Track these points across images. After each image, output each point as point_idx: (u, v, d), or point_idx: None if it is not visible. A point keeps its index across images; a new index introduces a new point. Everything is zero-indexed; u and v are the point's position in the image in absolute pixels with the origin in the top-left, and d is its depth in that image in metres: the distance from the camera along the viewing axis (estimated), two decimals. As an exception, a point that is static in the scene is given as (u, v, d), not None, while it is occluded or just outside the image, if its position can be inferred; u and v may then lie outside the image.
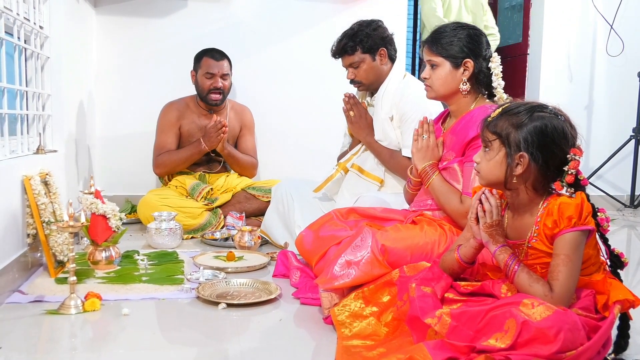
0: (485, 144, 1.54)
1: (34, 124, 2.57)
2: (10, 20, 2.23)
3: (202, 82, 3.22)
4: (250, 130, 3.47)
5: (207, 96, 3.22)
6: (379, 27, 2.60)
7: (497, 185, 1.54)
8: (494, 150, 1.51)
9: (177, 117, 3.27)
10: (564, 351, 1.26)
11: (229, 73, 3.27)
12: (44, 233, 2.11)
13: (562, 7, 4.11)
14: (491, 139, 1.51)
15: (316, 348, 1.67)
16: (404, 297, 1.63)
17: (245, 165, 3.34)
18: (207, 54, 3.25)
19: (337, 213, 2.16)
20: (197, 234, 3.00)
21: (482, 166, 1.54)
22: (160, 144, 3.25)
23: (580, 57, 4.16)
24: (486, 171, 1.53)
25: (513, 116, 1.48)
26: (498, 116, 1.51)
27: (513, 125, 1.47)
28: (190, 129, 3.27)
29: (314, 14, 3.72)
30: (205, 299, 1.96)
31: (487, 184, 1.55)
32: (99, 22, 3.53)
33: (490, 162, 1.52)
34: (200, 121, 3.29)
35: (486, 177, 1.53)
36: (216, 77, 3.20)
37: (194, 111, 3.31)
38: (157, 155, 3.23)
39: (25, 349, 1.60)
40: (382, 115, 2.53)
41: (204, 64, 3.22)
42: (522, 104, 1.52)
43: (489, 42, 2.04)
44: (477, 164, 1.56)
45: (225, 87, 3.24)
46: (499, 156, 1.50)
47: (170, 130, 3.26)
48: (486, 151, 1.53)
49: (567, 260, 1.42)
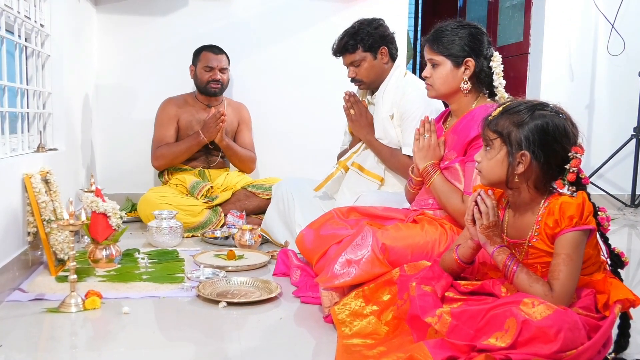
0: (486, 143, 1.53)
1: (34, 122, 2.57)
2: (11, 19, 2.23)
3: (201, 75, 3.27)
4: (247, 125, 3.51)
5: (206, 86, 3.28)
6: (380, 26, 2.59)
7: (499, 185, 1.54)
8: (495, 149, 1.51)
9: (176, 111, 3.30)
10: (564, 350, 1.25)
11: (227, 68, 3.33)
12: (45, 231, 2.12)
13: (563, 6, 4.10)
14: (492, 138, 1.51)
15: (316, 347, 1.67)
16: (405, 296, 1.63)
17: (244, 158, 3.36)
18: (205, 49, 3.31)
19: (337, 212, 2.16)
20: (198, 232, 3.00)
21: (483, 165, 1.53)
22: (159, 137, 3.27)
23: (581, 56, 4.15)
24: (487, 170, 1.52)
25: (514, 115, 1.48)
26: (499, 115, 1.51)
27: (514, 124, 1.47)
28: (189, 123, 3.30)
29: (314, 13, 3.72)
30: (206, 298, 1.96)
31: (488, 183, 1.54)
32: (100, 21, 3.53)
33: (491, 161, 1.51)
34: (199, 115, 3.32)
35: (487, 177, 1.53)
36: (215, 70, 3.26)
37: (193, 105, 3.35)
38: (155, 148, 3.26)
39: (26, 347, 1.60)
40: (382, 113, 2.53)
41: (202, 57, 3.28)
42: (523, 102, 1.51)
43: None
44: (478, 163, 1.56)
45: (223, 80, 3.30)
46: (500, 155, 1.50)
47: (169, 123, 3.28)
48: (487, 150, 1.53)
49: (568, 259, 1.42)
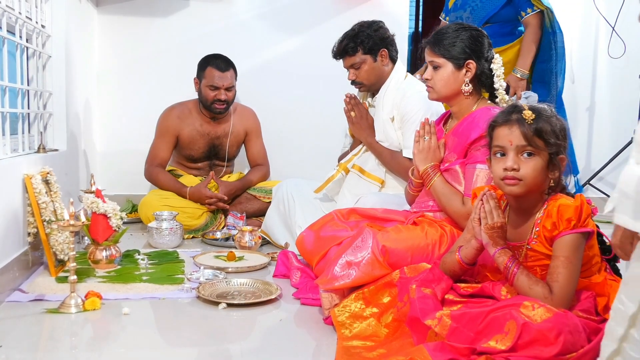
0: (528, 152, 1.48)
1: (35, 123, 2.57)
2: (12, 19, 2.23)
3: (205, 93, 3.13)
4: (257, 134, 3.40)
5: (211, 105, 3.15)
6: (380, 28, 2.59)
7: (536, 191, 1.51)
8: (539, 156, 1.48)
9: (177, 124, 3.20)
10: (564, 353, 1.26)
11: (234, 84, 3.17)
12: (45, 232, 2.11)
13: (563, 9, 4.09)
14: (540, 146, 1.48)
15: (316, 348, 1.67)
16: (405, 298, 1.63)
17: (255, 182, 3.28)
18: (211, 64, 3.13)
19: (337, 213, 2.16)
20: (198, 233, 3.00)
21: (523, 173, 1.48)
22: (155, 150, 3.21)
23: (582, 59, 4.15)
24: (530, 178, 1.48)
25: (549, 119, 1.49)
26: (536, 120, 1.48)
27: (554, 133, 1.48)
28: (192, 135, 3.21)
29: (315, 15, 3.72)
30: (206, 299, 1.96)
31: (527, 190, 1.49)
32: (101, 22, 3.53)
33: (533, 169, 1.48)
34: (202, 128, 3.23)
35: (528, 185, 1.48)
36: (220, 90, 3.11)
37: (196, 118, 3.23)
38: (150, 163, 3.20)
39: (26, 347, 1.59)
40: (383, 116, 2.53)
41: (208, 74, 3.12)
42: (543, 106, 1.52)
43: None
44: (516, 172, 1.49)
45: (229, 98, 3.15)
46: (539, 164, 1.48)
47: (166, 136, 3.20)
48: (526, 159, 1.49)
49: (567, 262, 1.42)
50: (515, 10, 2.99)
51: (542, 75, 3.08)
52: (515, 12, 3.00)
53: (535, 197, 1.52)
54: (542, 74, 3.07)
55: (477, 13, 3.04)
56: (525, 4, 2.95)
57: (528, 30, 2.99)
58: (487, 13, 3.02)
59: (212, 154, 3.30)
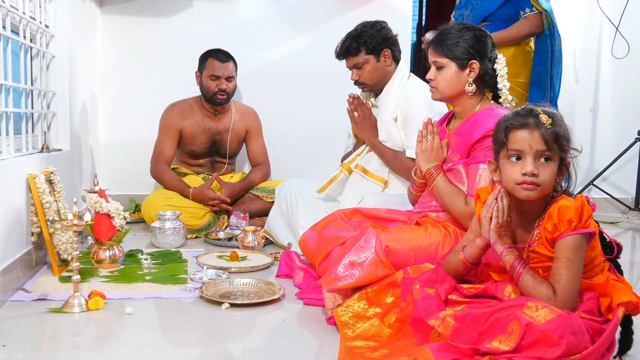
0: (546, 157, 1.48)
1: (38, 123, 2.58)
2: (16, 19, 2.24)
3: (207, 84, 3.18)
4: (258, 132, 3.43)
5: (212, 97, 3.19)
6: (383, 28, 2.59)
7: (547, 195, 1.51)
8: (554, 161, 1.48)
9: (179, 120, 3.24)
10: (568, 354, 1.25)
11: (234, 75, 3.23)
12: (48, 231, 2.12)
13: (567, 9, 4.09)
14: (556, 151, 1.48)
15: (319, 348, 1.67)
16: (408, 298, 1.63)
17: (257, 182, 3.29)
18: (212, 55, 3.21)
19: (340, 214, 2.16)
20: (201, 233, 3.00)
21: (542, 179, 1.47)
22: (159, 147, 3.23)
23: (586, 59, 4.14)
24: (547, 183, 1.48)
25: (561, 123, 1.49)
26: (552, 125, 1.48)
27: (566, 137, 1.49)
28: (194, 131, 3.25)
29: (318, 15, 3.72)
30: (209, 299, 1.97)
31: (542, 195, 1.49)
32: (105, 22, 3.54)
33: (551, 174, 1.48)
34: (204, 123, 3.26)
35: (544, 190, 1.48)
36: (221, 79, 3.16)
37: (198, 113, 3.27)
38: (155, 160, 3.22)
39: (29, 347, 1.60)
40: (386, 116, 2.53)
41: (209, 65, 3.18)
42: (552, 110, 1.53)
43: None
44: (535, 178, 1.48)
45: (230, 88, 3.20)
46: (554, 169, 1.48)
47: (170, 132, 3.23)
48: (543, 163, 1.48)
49: (569, 263, 1.41)
50: (515, 9, 2.98)
51: (539, 77, 3.07)
52: (515, 12, 2.98)
53: (541, 200, 1.51)
54: (538, 76, 3.06)
55: (476, 11, 3.04)
56: (525, 3, 2.93)
57: (524, 21, 2.95)
58: (485, 11, 3.01)
59: (213, 149, 3.32)
